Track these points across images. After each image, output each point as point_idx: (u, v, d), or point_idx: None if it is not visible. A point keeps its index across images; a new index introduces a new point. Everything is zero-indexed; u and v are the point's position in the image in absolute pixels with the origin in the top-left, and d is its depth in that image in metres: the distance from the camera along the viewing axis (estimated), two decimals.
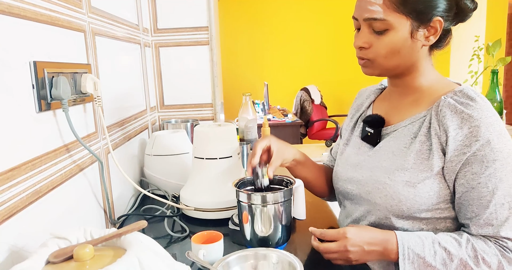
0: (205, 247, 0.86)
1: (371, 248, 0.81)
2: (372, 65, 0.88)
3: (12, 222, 0.68)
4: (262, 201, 0.89)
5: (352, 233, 0.81)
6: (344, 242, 0.81)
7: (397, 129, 0.90)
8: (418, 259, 0.79)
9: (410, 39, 0.83)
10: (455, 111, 0.80)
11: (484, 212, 0.79)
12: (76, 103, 0.94)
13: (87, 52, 1.04)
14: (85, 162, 0.99)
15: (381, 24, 0.82)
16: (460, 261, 0.78)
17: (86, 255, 0.60)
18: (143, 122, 1.58)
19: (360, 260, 0.83)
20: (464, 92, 0.83)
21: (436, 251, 0.79)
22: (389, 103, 0.98)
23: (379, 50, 0.84)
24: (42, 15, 0.81)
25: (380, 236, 0.82)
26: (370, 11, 0.82)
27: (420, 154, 0.83)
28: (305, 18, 5.31)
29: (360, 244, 0.81)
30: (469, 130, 0.79)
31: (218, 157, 1.15)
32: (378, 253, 0.82)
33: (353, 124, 1.06)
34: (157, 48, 1.78)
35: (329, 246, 0.83)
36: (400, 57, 0.85)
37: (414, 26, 0.82)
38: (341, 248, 0.81)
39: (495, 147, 0.78)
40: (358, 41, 0.87)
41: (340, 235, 0.82)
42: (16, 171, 0.70)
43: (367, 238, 0.81)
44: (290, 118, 4.15)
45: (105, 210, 1.11)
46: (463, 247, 0.79)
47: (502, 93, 2.01)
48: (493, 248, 0.79)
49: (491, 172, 0.78)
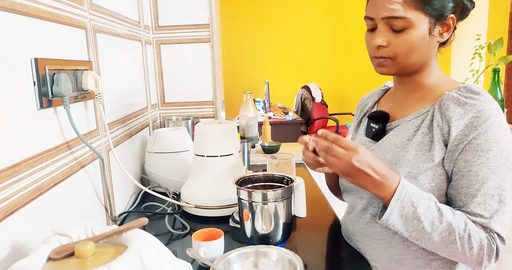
0: (206, 244, 0.87)
1: (371, 173, 0.77)
2: (392, 64, 0.87)
3: (13, 219, 0.68)
4: (262, 198, 0.89)
5: (363, 151, 0.78)
6: (352, 153, 0.77)
7: (401, 123, 0.91)
8: (410, 207, 0.77)
9: (428, 36, 0.84)
10: (458, 103, 0.81)
11: (472, 201, 0.78)
12: (77, 100, 0.94)
13: (88, 49, 1.04)
14: (86, 159, 0.99)
15: (401, 22, 0.81)
16: (448, 227, 0.76)
17: (87, 252, 0.60)
18: (144, 119, 1.58)
19: (355, 179, 0.79)
20: (468, 88, 0.84)
21: (430, 206, 0.77)
22: (394, 101, 0.98)
23: (399, 47, 0.84)
24: (44, 12, 0.81)
25: (386, 169, 0.79)
26: (389, 9, 0.81)
27: (422, 146, 0.83)
28: (307, 16, 5.30)
29: (364, 164, 0.77)
30: (470, 120, 0.79)
31: (219, 155, 1.15)
32: (375, 183, 0.78)
33: (357, 123, 1.06)
34: (158, 46, 1.78)
35: (337, 149, 0.79)
36: (418, 54, 0.85)
37: (432, 23, 0.83)
38: (345, 157, 0.77)
39: (491, 138, 0.78)
40: (376, 39, 0.85)
41: (352, 146, 0.78)
42: (17, 168, 0.70)
43: (373, 163, 0.78)
44: (291, 116, 4.14)
45: (106, 207, 1.11)
46: (456, 216, 0.78)
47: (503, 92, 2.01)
48: (482, 232, 0.78)
49: (483, 161, 0.78)
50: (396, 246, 0.87)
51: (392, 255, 0.87)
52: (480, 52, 2.55)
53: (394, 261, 0.87)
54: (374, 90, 1.09)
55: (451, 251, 0.78)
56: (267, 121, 2.19)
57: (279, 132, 3.80)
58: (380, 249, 0.89)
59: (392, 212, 0.78)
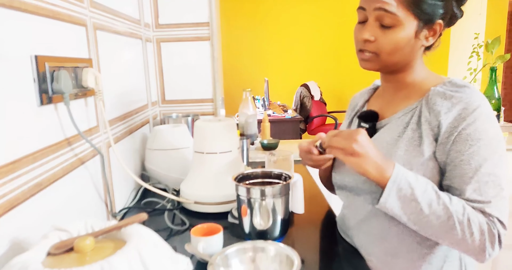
0: (205, 240, 0.87)
1: (371, 153, 0.79)
2: (375, 60, 0.88)
3: (13, 214, 0.69)
4: (260, 195, 0.90)
5: (363, 137, 0.80)
6: (356, 133, 0.80)
7: (391, 121, 0.92)
8: (408, 189, 0.77)
9: (413, 38, 0.85)
10: (445, 97, 0.82)
11: (467, 189, 0.79)
12: (78, 97, 0.95)
13: (89, 47, 1.05)
14: (86, 155, 1.00)
15: (391, 18, 0.82)
16: (446, 210, 0.77)
17: (86, 247, 0.61)
18: (144, 116, 1.59)
19: (358, 158, 0.79)
20: (453, 82, 0.86)
21: (427, 189, 0.78)
22: (383, 99, 1.00)
23: (384, 45, 0.85)
24: (43, 9, 0.82)
25: (381, 155, 0.81)
26: (383, 1, 0.82)
27: (412, 141, 0.85)
28: (306, 14, 5.30)
29: (366, 143, 0.79)
30: (458, 112, 0.80)
31: (218, 152, 1.16)
32: (375, 164, 0.79)
33: (349, 122, 1.08)
34: (159, 43, 1.79)
35: (343, 131, 0.83)
36: (402, 54, 0.86)
37: (419, 26, 0.84)
38: (351, 136, 0.79)
39: (480, 127, 0.79)
40: (364, 33, 0.86)
41: (355, 130, 0.81)
42: (17, 164, 0.71)
43: (373, 148, 0.80)
44: (290, 114, 4.15)
45: (106, 203, 1.12)
46: (453, 201, 0.78)
47: (500, 90, 2.02)
48: (481, 216, 0.78)
49: (474, 150, 0.79)
50: (391, 240, 0.88)
51: (388, 249, 0.89)
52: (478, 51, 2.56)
53: (390, 255, 0.89)
54: (365, 89, 1.10)
55: (452, 238, 0.78)
56: (266, 119, 2.20)
57: (278, 129, 3.81)
58: (376, 243, 0.90)
59: (390, 193, 0.78)
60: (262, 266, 0.81)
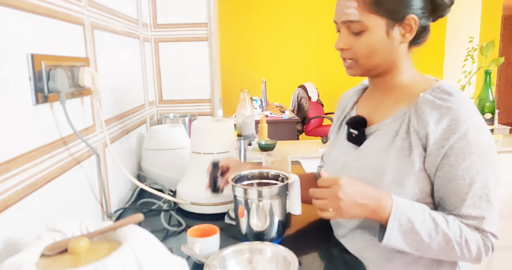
0: (201, 241, 0.87)
1: (363, 201, 0.78)
2: (355, 66, 0.90)
3: (7, 215, 0.68)
4: (258, 196, 0.89)
5: (346, 181, 0.79)
6: (337, 189, 0.78)
7: (380, 128, 0.92)
8: (408, 223, 0.79)
9: (386, 38, 0.85)
10: (434, 107, 0.82)
11: (463, 205, 0.81)
12: (74, 96, 0.94)
13: (86, 46, 1.04)
14: (82, 155, 0.99)
15: (357, 25, 0.85)
16: (444, 236, 0.79)
17: (81, 248, 0.60)
18: (141, 116, 1.58)
19: (351, 212, 0.79)
20: (441, 88, 0.85)
21: (425, 219, 0.80)
22: (371, 102, 0.99)
23: (359, 50, 0.87)
24: (40, 7, 0.81)
25: (374, 193, 0.80)
26: (346, 14, 0.86)
27: (403, 151, 0.85)
28: (304, 16, 5.30)
29: (352, 195, 0.78)
30: (447, 124, 0.80)
31: (215, 152, 1.15)
32: (370, 209, 0.79)
33: (338, 126, 1.07)
34: (156, 43, 1.78)
35: (321, 190, 0.81)
36: (379, 56, 0.87)
37: (389, 25, 0.85)
38: (332, 194, 0.78)
39: (472, 139, 0.79)
40: (338, 43, 0.90)
41: (333, 181, 0.79)
42: (12, 163, 0.70)
43: (360, 190, 0.80)
44: (287, 115, 4.15)
45: (102, 204, 1.11)
46: (450, 224, 0.80)
47: (494, 93, 2.04)
48: (476, 233, 0.81)
49: (467, 165, 0.80)
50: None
51: (382, 253, 0.88)
52: (473, 54, 2.57)
53: (385, 259, 0.89)
54: (353, 88, 1.10)
55: (452, 256, 0.82)
56: (264, 120, 2.20)
57: (275, 130, 3.80)
58: (371, 248, 0.90)
59: (392, 232, 0.79)
60: (259, 268, 0.81)
